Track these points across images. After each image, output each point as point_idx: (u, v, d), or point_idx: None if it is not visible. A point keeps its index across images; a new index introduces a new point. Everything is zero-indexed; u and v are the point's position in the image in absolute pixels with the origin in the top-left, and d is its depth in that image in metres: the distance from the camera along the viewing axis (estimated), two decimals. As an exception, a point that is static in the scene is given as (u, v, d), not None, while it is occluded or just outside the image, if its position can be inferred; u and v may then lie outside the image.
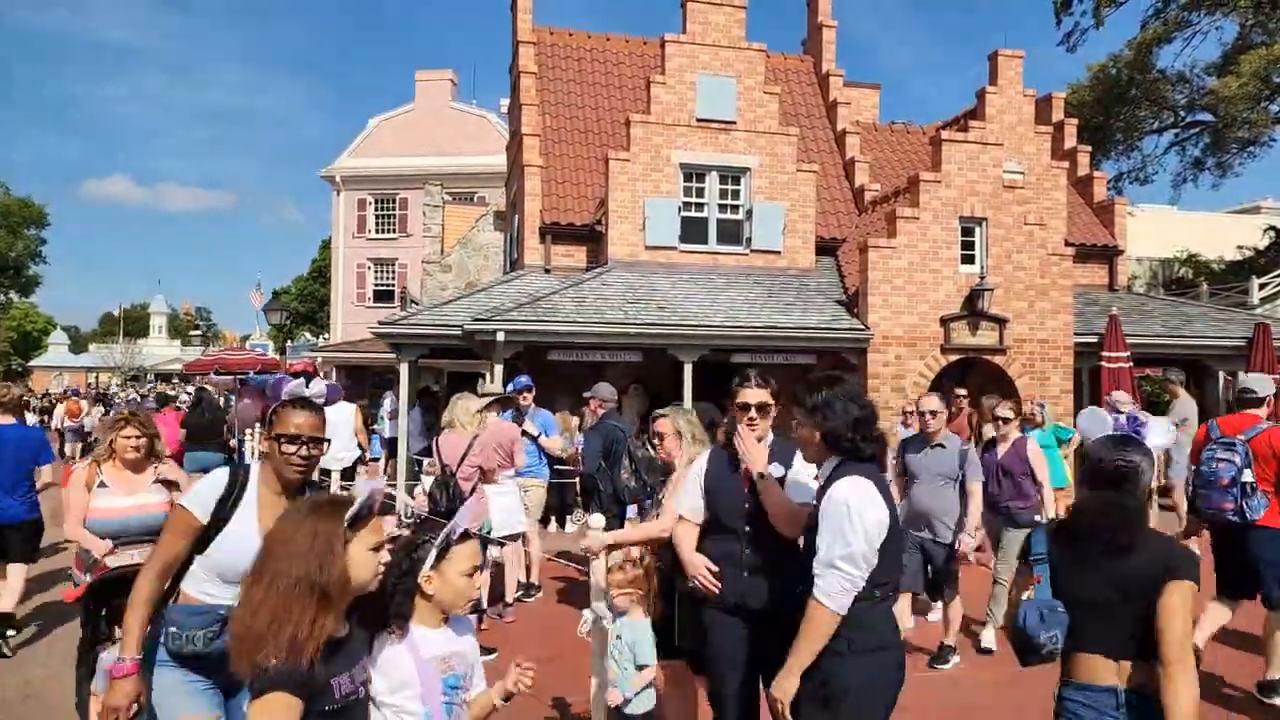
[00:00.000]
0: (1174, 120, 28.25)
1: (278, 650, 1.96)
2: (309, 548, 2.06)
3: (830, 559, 2.71)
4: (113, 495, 4.54)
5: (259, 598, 2.03)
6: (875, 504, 2.75)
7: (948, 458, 5.96)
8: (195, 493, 2.88)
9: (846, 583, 2.69)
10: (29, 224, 49.57)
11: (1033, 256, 12.17)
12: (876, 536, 2.73)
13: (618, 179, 12.82)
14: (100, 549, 4.40)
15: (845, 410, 2.86)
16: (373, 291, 31.98)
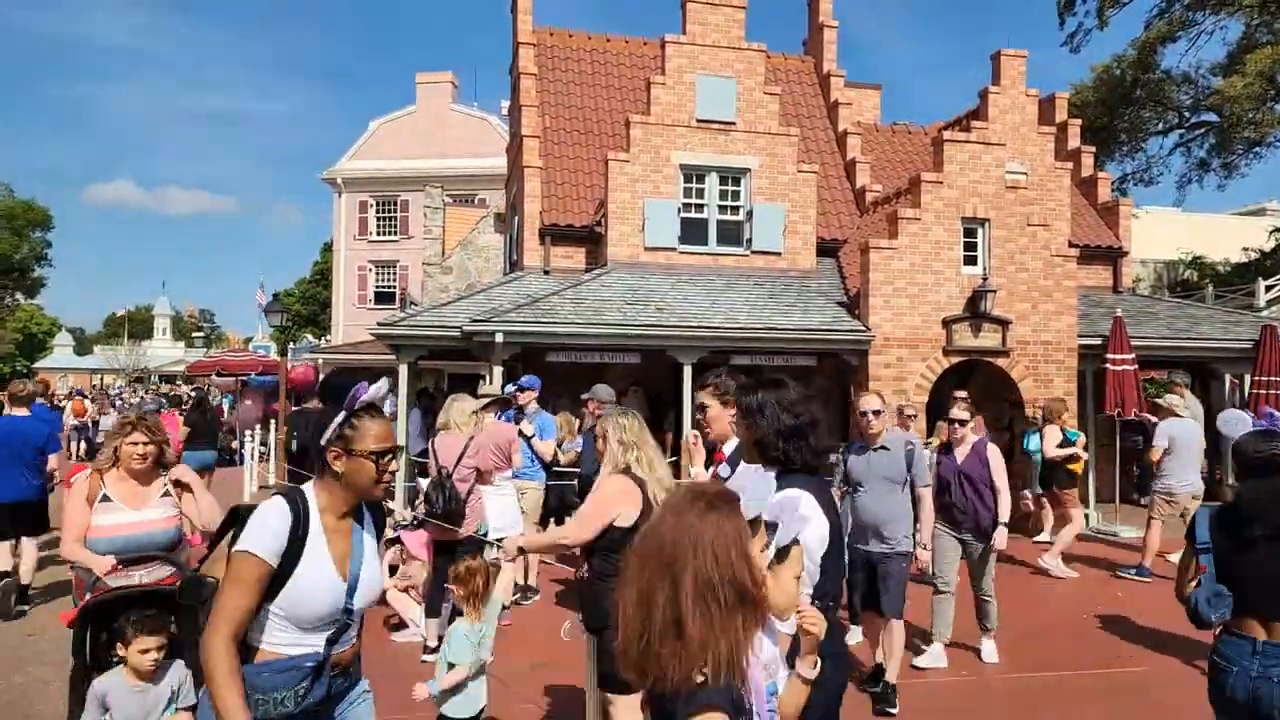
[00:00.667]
0: (1179, 121, 28.13)
1: (715, 666, 1.70)
2: (726, 547, 1.75)
3: None
4: (117, 510, 4.06)
5: (659, 602, 1.72)
6: (816, 519, 2.69)
7: (892, 460, 5.47)
8: (259, 533, 2.41)
9: None
10: (34, 226, 49.65)
11: (1036, 258, 12.06)
12: (818, 552, 2.69)
13: (617, 180, 12.74)
14: (102, 567, 3.91)
15: (776, 418, 2.78)
16: (374, 293, 31.96)
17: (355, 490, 2.53)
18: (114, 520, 4.05)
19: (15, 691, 5.49)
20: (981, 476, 6.11)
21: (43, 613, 7.28)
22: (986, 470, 6.12)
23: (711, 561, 1.72)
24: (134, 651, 3.45)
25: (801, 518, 2.17)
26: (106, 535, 4.00)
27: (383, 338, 11.56)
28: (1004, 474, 6.17)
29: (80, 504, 4.04)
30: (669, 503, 1.90)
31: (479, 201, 29.04)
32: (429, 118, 32.33)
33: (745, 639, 1.73)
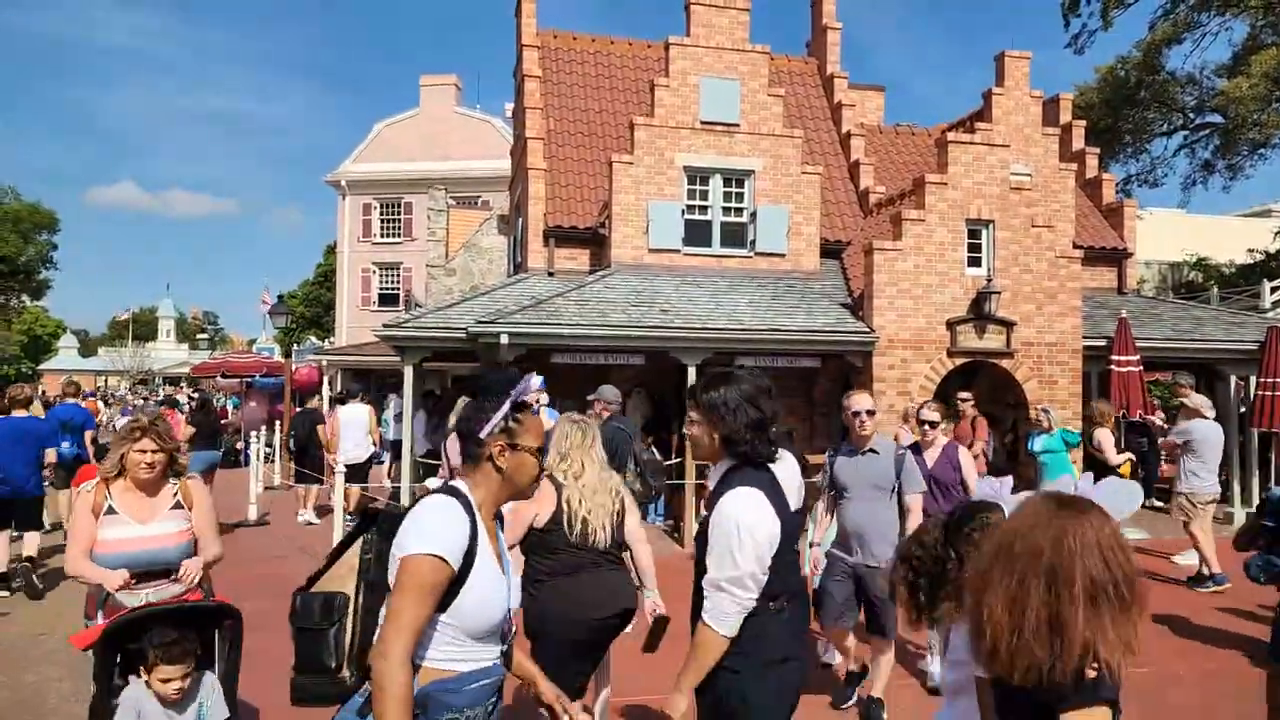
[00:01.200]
0: (1183, 122, 28.09)
1: (1109, 661, 1.78)
2: (1113, 549, 1.82)
3: (718, 580, 2.62)
4: (122, 524, 3.70)
5: (1033, 603, 1.79)
6: (766, 519, 2.64)
7: (881, 465, 5.11)
8: (441, 533, 2.15)
9: (735, 605, 2.60)
10: (40, 229, 49.81)
11: (1040, 259, 12.06)
12: (767, 553, 2.63)
13: (621, 182, 12.76)
14: (112, 582, 3.61)
15: (744, 412, 2.72)
16: (377, 295, 32.03)
17: (514, 487, 2.35)
18: (119, 535, 3.68)
19: (27, 690, 5.52)
20: (953, 480, 5.79)
21: (49, 614, 7.31)
22: (958, 473, 5.81)
23: (1101, 563, 1.81)
24: (156, 680, 3.20)
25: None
26: (112, 551, 3.65)
27: (388, 339, 11.58)
28: (975, 476, 5.73)
29: (86, 516, 3.69)
30: (1032, 508, 1.93)
31: (482, 204, 29.09)
32: (433, 120, 32.41)
33: (1135, 635, 1.82)
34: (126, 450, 3.74)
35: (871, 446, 5.15)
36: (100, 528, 3.67)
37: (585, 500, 3.83)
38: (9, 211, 47.51)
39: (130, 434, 3.76)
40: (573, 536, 3.78)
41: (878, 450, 5.15)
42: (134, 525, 3.71)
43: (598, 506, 3.84)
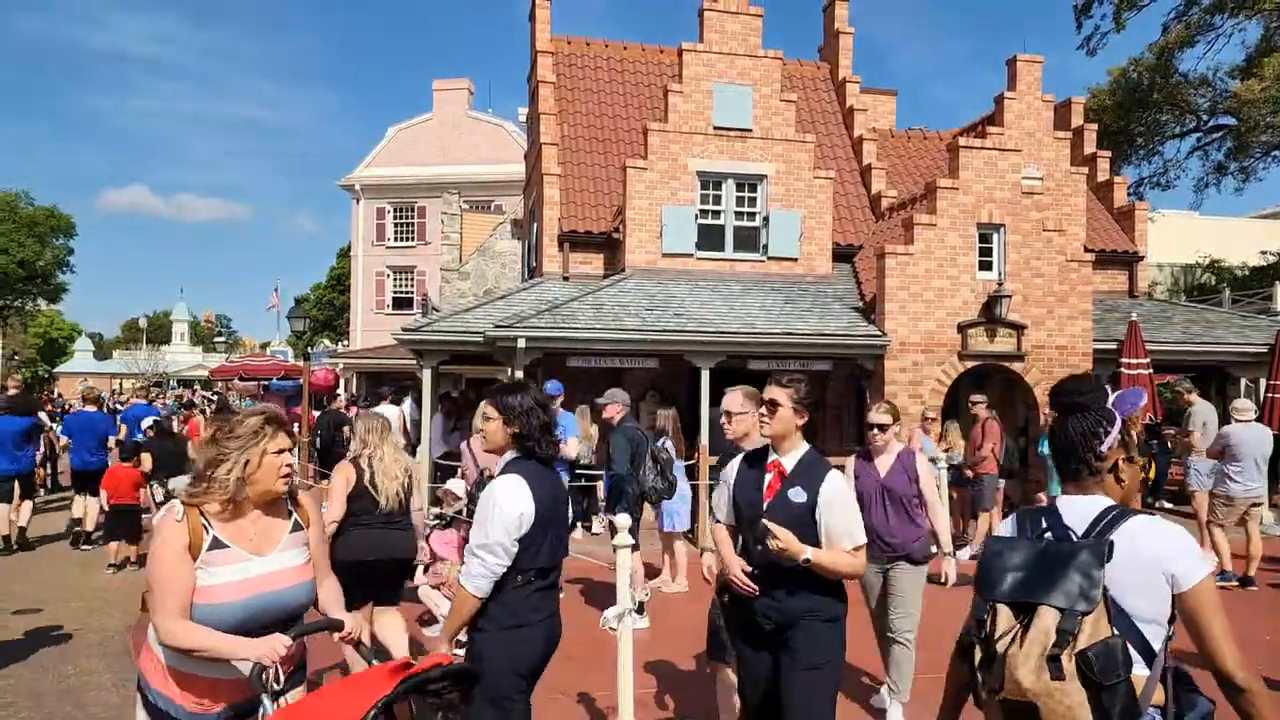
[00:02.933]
0: (1196, 124, 28.04)
1: None
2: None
3: (473, 547, 3.09)
4: (237, 559, 2.60)
5: None
6: (521, 499, 3.10)
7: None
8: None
9: (484, 569, 3.05)
10: (56, 233, 50.32)
11: (1051, 263, 12.15)
12: (516, 528, 3.07)
13: (635, 187, 12.92)
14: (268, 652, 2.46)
15: (536, 415, 3.24)
16: (392, 299, 32.30)
17: (1121, 494, 2.27)
18: (236, 575, 2.59)
19: (68, 682, 5.71)
20: (908, 492, 5.07)
21: (82, 611, 7.51)
22: (914, 484, 5.09)
23: None
24: None
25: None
26: (227, 599, 2.55)
27: (406, 343, 11.78)
28: (934, 488, 5.19)
29: (178, 559, 2.53)
30: None
31: (495, 208, 29.31)
32: (446, 124, 32.67)
33: None
34: (254, 455, 2.64)
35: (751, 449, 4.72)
36: (205, 569, 2.56)
37: (382, 476, 4.97)
38: (26, 216, 48.05)
39: (260, 429, 2.68)
40: (371, 502, 4.92)
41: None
42: (250, 560, 2.63)
43: (391, 481, 5.00)
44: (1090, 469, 2.25)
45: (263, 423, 2.72)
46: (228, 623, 2.55)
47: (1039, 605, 1.98)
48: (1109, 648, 1.93)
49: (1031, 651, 1.95)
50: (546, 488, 3.21)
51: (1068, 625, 1.93)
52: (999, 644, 2.01)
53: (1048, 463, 10.93)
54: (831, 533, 3.24)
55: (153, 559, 2.59)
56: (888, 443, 5.18)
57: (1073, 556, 2.02)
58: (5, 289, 48.17)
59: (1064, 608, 1.95)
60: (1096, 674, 1.90)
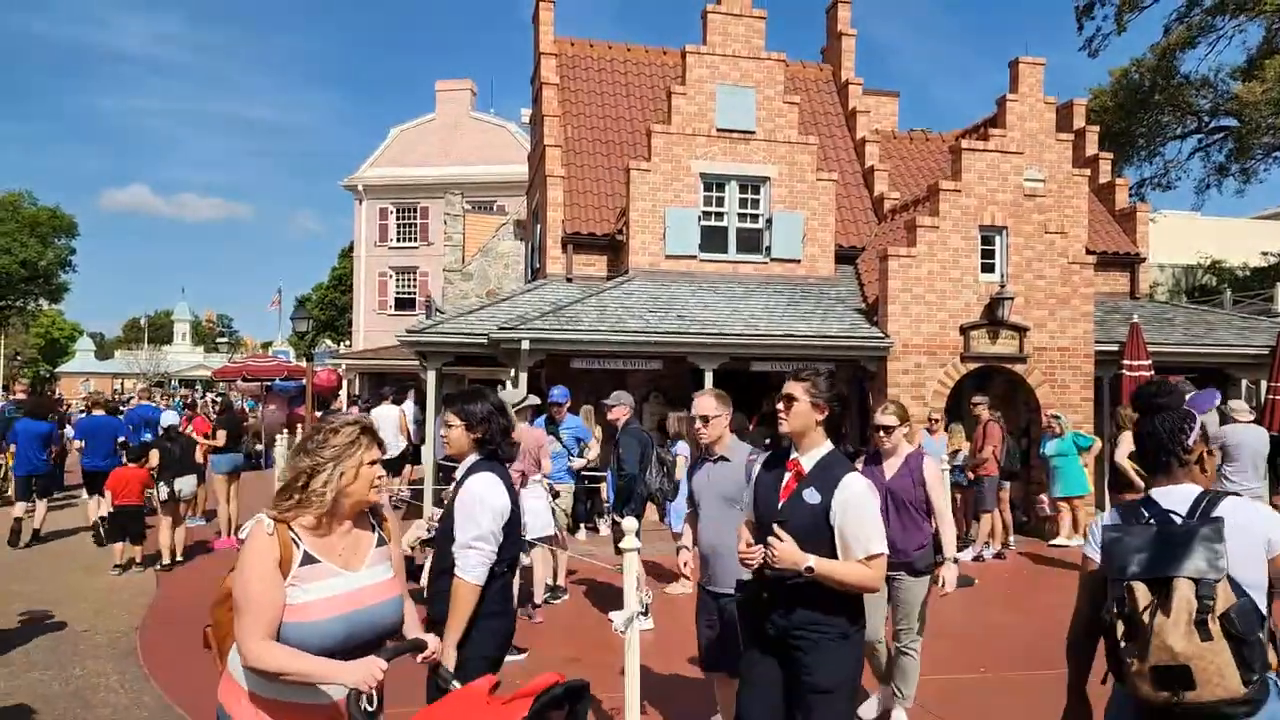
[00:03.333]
0: (1197, 125, 28.07)
1: None
2: None
3: (466, 541, 3.19)
4: (330, 574, 2.46)
5: None
6: (500, 493, 3.30)
7: (732, 474, 4.29)
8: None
9: (482, 558, 3.20)
10: (59, 233, 50.40)
11: (1053, 265, 12.18)
12: (500, 521, 3.26)
13: (638, 189, 12.96)
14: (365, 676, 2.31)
15: (499, 420, 3.44)
16: (394, 299, 32.34)
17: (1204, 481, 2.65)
18: (328, 591, 2.44)
19: (75, 684, 5.74)
20: (914, 498, 4.89)
21: (89, 612, 7.56)
22: (921, 489, 4.91)
23: None
24: None
25: None
26: (321, 616, 2.40)
27: (411, 345, 11.82)
28: (943, 493, 5.03)
29: (270, 576, 2.36)
30: None
31: (498, 208, 29.36)
32: (448, 125, 32.72)
33: None
34: (354, 466, 2.52)
35: (723, 454, 4.37)
36: (296, 585, 2.40)
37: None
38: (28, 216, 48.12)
39: (356, 439, 2.55)
40: None
41: (729, 458, 4.37)
42: (341, 575, 2.48)
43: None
44: (1180, 461, 2.56)
45: (359, 432, 2.58)
46: (324, 643, 2.39)
47: (1174, 579, 2.25)
48: (1245, 608, 2.23)
49: (1179, 619, 2.21)
50: (511, 487, 3.43)
51: (1206, 593, 2.21)
52: (1144, 616, 2.27)
53: (1049, 464, 10.98)
54: (845, 538, 3.07)
55: (241, 577, 2.37)
56: (896, 446, 5.00)
57: (1193, 534, 2.31)
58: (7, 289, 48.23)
59: (1198, 578, 2.23)
60: (1240, 632, 2.19)
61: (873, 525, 3.12)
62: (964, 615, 8.00)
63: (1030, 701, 5.69)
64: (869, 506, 3.12)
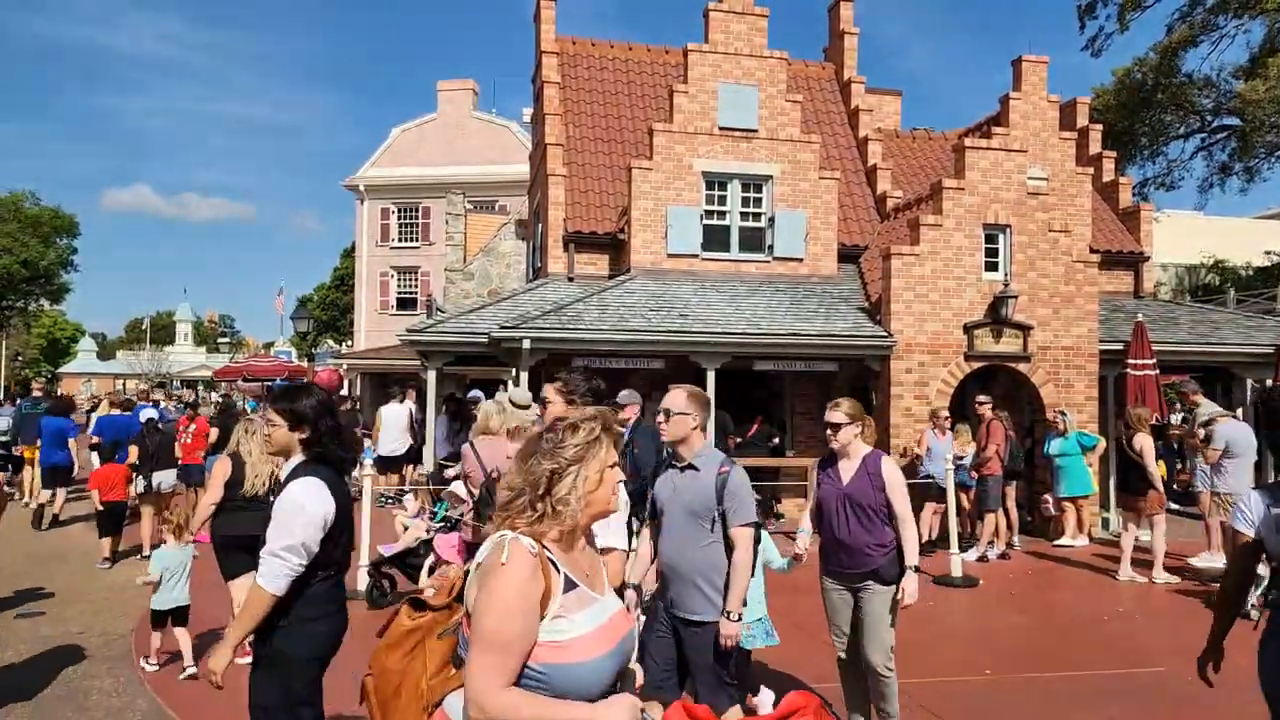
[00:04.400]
0: (1200, 125, 28.01)
1: None
2: None
3: (274, 549, 3.11)
4: (589, 603, 2.04)
5: None
6: (322, 501, 3.20)
7: (701, 485, 3.93)
8: None
9: (287, 569, 3.12)
10: (60, 233, 50.40)
11: (1057, 263, 12.12)
12: (320, 529, 3.18)
13: (640, 187, 12.91)
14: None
15: (327, 420, 3.35)
16: (396, 299, 32.32)
17: None
18: (593, 621, 2.02)
19: (70, 685, 5.70)
20: (874, 502, 4.49)
21: (87, 613, 7.51)
22: (880, 493, 4.50)
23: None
24: None
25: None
26: (595, 655, 1.97)
27: (412, 344, 11.77)
28: (905, 496, 4.59)
29: (532, 610, 1.92)
30: None
31: (499, 208, 29.31)
32: (450, 125, 32.68)
33: None
34: (597, 468, 2.13)
35: (691, 461, 4.01)
36: (561, 619, 1.96)
37: (250, 468, 5.87)
38: (30, 216, 48.12)
39: (597, 437, 2.16)
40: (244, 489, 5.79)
41: (698, 466, 3.99)
42: (598, 600, 2.08)
43: (261, 472, 5.85)
44: None
45: (600, 429, 2.16)
46: (598, 687, 1.96)
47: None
48: None
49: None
50: (341, 489, 3.34)
51: None
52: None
53: (1053, 464, 10.92)
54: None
55: (497, 611, 1.87)
56: (847, 445, 4.62)
57: None
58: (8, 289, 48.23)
59: None
60: None
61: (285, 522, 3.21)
62: (968, 616, 7.95)
63: (1035, 704, 5.63)
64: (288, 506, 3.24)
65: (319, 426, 3.32)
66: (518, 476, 2.11)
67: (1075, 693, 5.81)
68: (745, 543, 3.89)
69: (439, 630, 2.20)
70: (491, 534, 2.03)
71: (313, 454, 3.32)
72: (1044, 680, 6.08)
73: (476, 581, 1.93)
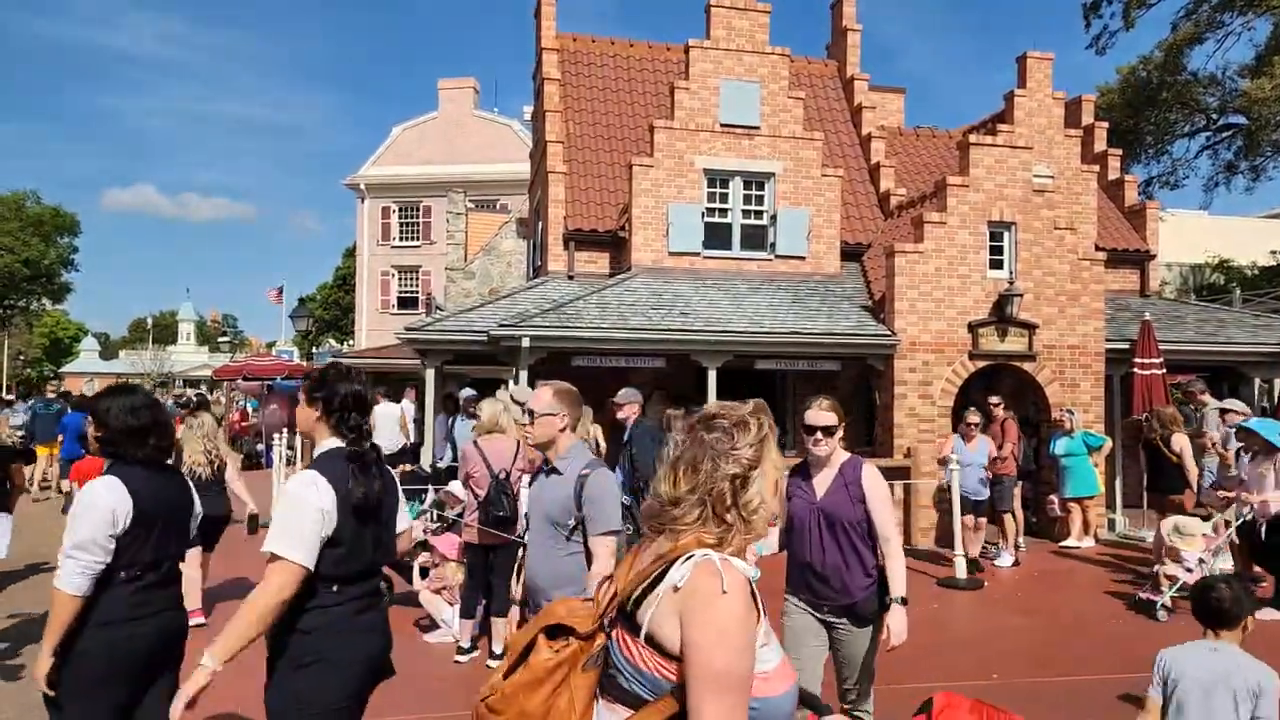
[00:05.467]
0: (1205, 123, 27.86)
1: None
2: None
3: (66, 549, 3.06)
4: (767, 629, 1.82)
5: None
6: (114, 499, 3.12)
7: (560, 491, 3.56)
8: None
9: (79, 567, 3.03)
10: (61, 232, 50.44)
11: (1063, 261, 12.00)
12: (108, 525, 3.08)
13: (641, 185, 12.80)
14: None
15: (122, 419, 3.27)
16: (397, 298, 32.27)
17: None
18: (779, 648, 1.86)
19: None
20: (853, 518, 3.80)
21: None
22: (860, 506, 3.80)
23: None
24: None
25: None
26: (786, 688, 1.80)
27: (411, 342, 11.67)
28: (889, 510, 3.88)
29: (754, 641, 1.71)
30: None
31: (500, 207, 29.24)
32: (451, 124, 32.63)
33: None
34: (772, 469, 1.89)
35: (555, 465, 3.63)
36: (765, 648, 1.78)
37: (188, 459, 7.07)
38: (31, 215, 48.14)
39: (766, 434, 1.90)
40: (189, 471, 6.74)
41: (560, 470, 3.61)
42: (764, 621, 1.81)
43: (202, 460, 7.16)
44: None
45: (767, 423, 1.90)
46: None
47: None
48: None
49: None
50: (152, 486, 3.27)
51: None
52: None
53: (1059, 464, 10.80)
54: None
55: (723, 646, 1.64)
56: (830, 453, 3.89)
57: None
58: (11, 289, 48.26)
59: None
60: None
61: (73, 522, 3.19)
62: (973, 619, 7.84)
63: (1042, 709, 5.52)
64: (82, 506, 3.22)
65: (111, 427, 3.30)
66: (680, 483, 1.83)
67: (1083, 697, 5.71)
68: (604, 554, 3.41)
69: (582, 662, 1.85)
70: (669, 550, 1.76)
71: (108, 453, 3.33)
72: (1051, 684, 5.97)
73: (684, 611, 1.68)
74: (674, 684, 1.67)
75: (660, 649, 1.68)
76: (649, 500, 1.88)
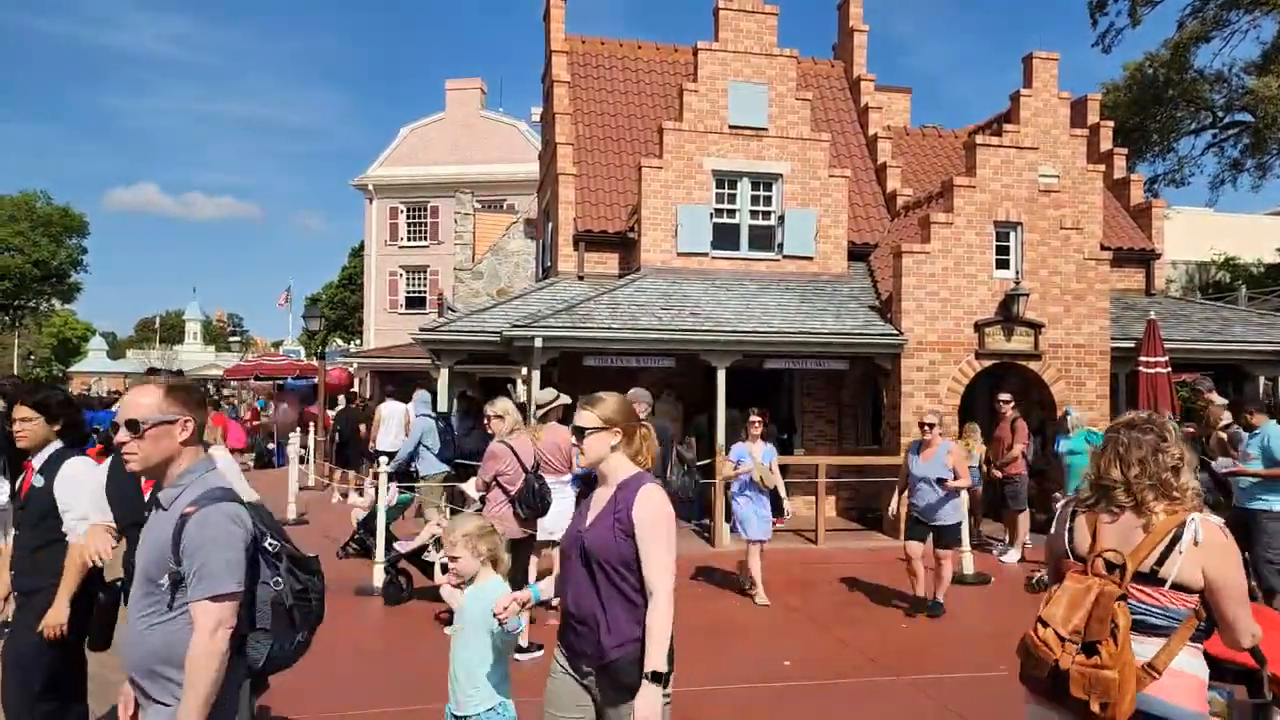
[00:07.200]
0: (1212, 121, 27.88)
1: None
2: None
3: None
4: None
5: None
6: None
7: (160, 534, 2.63)
8: None
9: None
10: (70, 232, 50.73)
11: (1069, 261, 12.10)
12: None
13: (650, 186, 12.93)
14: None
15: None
16: (405, 298, 32.44)
17: None
18: None
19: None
20: (617, 556, 2.90)
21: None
22: (629, 543, 2.89)
23: None
24: None
25: None
26: None
27: (425, 343, 11.83)
28: (666, 548, 2.88)
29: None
30: None
31: (508, 207, 29.40)
32: (458, 124, 32.78)
33: None
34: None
35: (159, 497, 2.69)
36: None
37: None
38: (40, 215, 48.44)
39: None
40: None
41: (164, 504, 2.66)
42: None
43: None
44: None
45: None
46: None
47: None
48: None
49: None
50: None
51: None
52: None
53: (1064, 461, 10.89)
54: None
55: (1242, 571, 2.64)
56: (598, 461, 3.12)
57: None
58: (21, 289, 48.56)
59: None
60: None
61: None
62: (981, 614, 7.98)
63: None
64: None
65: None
66: (1131, 466, 2.71)
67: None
68: (204, 626, 2.43)
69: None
70: (1158, 515, 2.65)
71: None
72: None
73: (1211, 557, 2.55)
74: (1192, 609, 2.58)
75: (1183, 588, 2.56)
76: (1086, 481, 2.84)
